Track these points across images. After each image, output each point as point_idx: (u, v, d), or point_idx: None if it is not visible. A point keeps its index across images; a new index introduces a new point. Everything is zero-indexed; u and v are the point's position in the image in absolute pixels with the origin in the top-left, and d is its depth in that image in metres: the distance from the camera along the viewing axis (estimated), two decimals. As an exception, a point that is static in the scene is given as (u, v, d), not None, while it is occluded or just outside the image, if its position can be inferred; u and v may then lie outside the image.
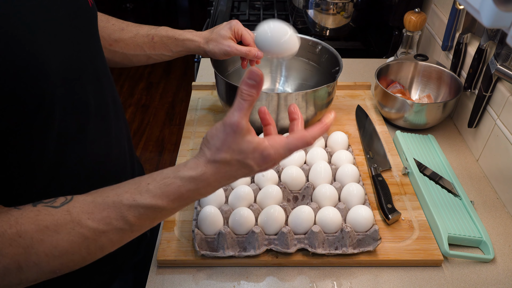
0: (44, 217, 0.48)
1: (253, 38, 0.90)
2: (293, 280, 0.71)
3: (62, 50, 0.54)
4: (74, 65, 0.57)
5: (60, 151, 0.58)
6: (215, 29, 0.89)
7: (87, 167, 0.63)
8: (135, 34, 0.87)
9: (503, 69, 0.83)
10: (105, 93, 0.67)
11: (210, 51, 0.88)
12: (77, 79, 0.58)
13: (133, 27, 0.88)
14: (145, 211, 0.51)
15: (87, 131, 0.62)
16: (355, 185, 0.79)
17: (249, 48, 0.87)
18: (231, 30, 0.88)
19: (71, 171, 0.61)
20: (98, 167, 0.66)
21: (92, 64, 0.63)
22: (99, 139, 0.65)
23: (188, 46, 0.89)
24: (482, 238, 0.75)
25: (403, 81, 1.11)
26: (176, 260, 0.72)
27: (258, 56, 0.88)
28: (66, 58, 0.55)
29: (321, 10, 1.37)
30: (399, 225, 0.78)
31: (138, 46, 0.87)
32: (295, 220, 0.72)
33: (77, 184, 0.62)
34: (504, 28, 0.38)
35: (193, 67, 1.52)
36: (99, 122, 0.64)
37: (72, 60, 0.57)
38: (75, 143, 0.60)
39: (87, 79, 0.61)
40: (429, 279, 0.71)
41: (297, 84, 1.12)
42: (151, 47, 0.88)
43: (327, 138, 0.93)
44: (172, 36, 0.88)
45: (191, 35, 0.89)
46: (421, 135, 0.98)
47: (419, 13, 1.12)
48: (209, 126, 1.02)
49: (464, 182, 0.90)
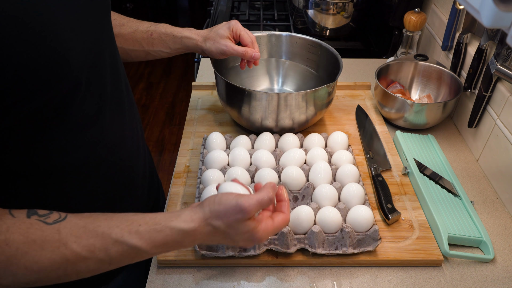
0: (34, 231, 0.50)
1: (252, 38, 0.90)
2: (293, 280, 0.71)
3: (83, 38, 0.56)
4: (93, 52, 0.60)
5: (79, 133, 0.60)
6: (214, 28, 0.89)
7: (104, 149, 0.66)
8: (135, 30, 0.87)
9: (503, 69, 0.83)
10: (120, 79, 0.70)
11: (207, 49, 0.88)
12: (95, 65, 0.61)
13: (133, 23, 0.88)
14: (128, 249, 0.53)
15: (104, 115, 0.64)
16: (355, 185, 0.79)
17: (245, 49, 0.88)
18: (229, 30, 0.88)
19: (89, 153, 0.63)
20: (113, 150, 0.68)
21: (108, 51, 0.66)
22: (115, 123, 0.68)
23: (186, 44, 0.89)
24: (482, 238, 0.75)
25: (403, 81, 1.11)
26: (176, 260, 0.72)
27: (255, 57, 0.88)
28: (86, 45, 0.57)
29: (321, 10, 1.37)
30: (399, 225, 0.78)
31: (137, 42, 0.87)
32: (295, 220, 0.72)
33: (94, 168, 0.65)
34: (504, 28, 0.38)
35: (193, 67, 1.52)
36: (114, 107, 0.67)
37: (92, 47, 0.59)
38: (93, 125, 0.62)
39: (104, 65, 0.64)
40: (429, 279, 0.71)
41: (297, 84, 1.12)
42: (150, 44, 0.88)
43: (327, 138, 0.93)
44: (170, 33, 0.88)
45: (189, 33, 0.89)
46: (421, 135, 0.98)
47: (419, 13, 1.12)
48: (209, 126, 1.02)
49: (464, 182, 0.90)
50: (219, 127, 1.02)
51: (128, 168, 0.73)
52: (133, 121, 0.75)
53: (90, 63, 0.60)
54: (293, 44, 1.08)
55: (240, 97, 0.90)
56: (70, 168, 0.62)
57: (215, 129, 1.01)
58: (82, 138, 0.61)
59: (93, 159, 0.65)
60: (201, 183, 0.81)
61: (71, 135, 0.60)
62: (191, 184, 0.86)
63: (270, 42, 1.08)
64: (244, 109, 0.91)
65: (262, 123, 0.92)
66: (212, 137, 0.90)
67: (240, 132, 0.98)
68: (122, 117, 0.70)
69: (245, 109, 0.91)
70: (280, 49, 1.10)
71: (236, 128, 1.01)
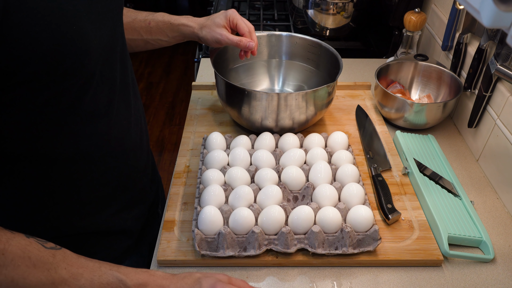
0: (32, 249, 0.52)
1: (249, 28, 0.89)
2: (293, 280, 0.71)
3: (100, 30, 0.58)
4: (108, 45, 0.62)
5: (89, 123, 0.62)
6: (211, 17, 0.90)
7: (110, 140, 0.67)
8: (133, 19, 0.88)
9: (503, 69, 0.83)
10: (127, 73, 0.71)
11: (203, 37, 0.88)
12: (109, 57, 0.63)
13: (132, 13, 0.90)
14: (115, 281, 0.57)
15: (113, 107, 0.66)
16: (355, 185, 0.79)
17: (240, 38, 0.87)
18: (226, 19, 0.88)
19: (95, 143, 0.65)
20: (119, 141, 0.70)
21: (119, 44, 0.67)
22: (122, 115, 0.69)
23: (183, 31, 0.89)
24: (482, 238, 0.75)
25: (403, 81, 1.11)
26: (176, 260, 0.72)
27: (249, 47, 0.87)
28: (103, 38, 0.60)
29: (321, 10, 1.37)
30: (399, 225, 0.78)
31: (135, 30, 0.88)
32: (295, 220, 0.72)
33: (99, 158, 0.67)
34: (504, 28, 0.38)
35: (193, 67, 1.52)
36: (122, 99, 0.69)
37: (107, 40, 0.61)
38: (102, 117, 0.64)
39: (115, 58, 0.66)
40: (429, 279, 0.71)
41: (297, 84, 1.12)
42: (148, 32, 0.89)
43: (327, 138, 0.93)
44: (167, 21, 0.89)
45: (186, 20, 0.89)
46: (421, 135, 0.98)
47: (419, 13, 1.12)
48: (209, 126, 1.02)
49: (464, 182, 0.90)
50: (219, 127, 1.02)
51: (132, 159, 0.75)
52: (138, 114, 0.77)
53: (105, 55, 0.61)
54: (293, 44, 1.08)
55: (240, 97, 0.90)
56: (76, 156, 0.63)
57: (215, 129, 1.01)
58: (90, 128, 0.63)
59: (99, 149, 0.66)
60: (201, 183, 0.81)
61: (80, 125, 0.61)
62: (191, 184, 0.86)
63: (270, 42, 1.08)
64: (244, 109, 0.91)
65: (262, 123, 0.92)
66: (212, 137, 0.90)
67: (240, 132, 0.98)
68: (128, 109, 0.72)
69: (245, 109, 0.91)
70: (280, 49, 1.10)
71: (236, 128, 1.01)
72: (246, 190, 0.77)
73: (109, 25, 0.62)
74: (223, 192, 0.78)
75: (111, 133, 0.67)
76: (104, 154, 0.67)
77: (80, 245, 0.68)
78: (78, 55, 0.55)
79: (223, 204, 0.76)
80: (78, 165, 0.64)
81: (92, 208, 0.71)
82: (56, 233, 0.68)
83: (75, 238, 0.71)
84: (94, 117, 0.63)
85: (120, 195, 0.74)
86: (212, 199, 0.76)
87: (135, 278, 0.58)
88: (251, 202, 0.77)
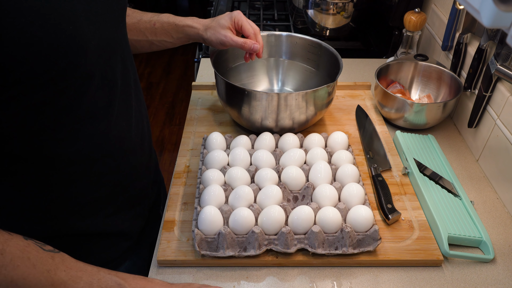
0: (31, 250, 0.52)
1: (254, 29, 0.88)
2: (293, 280, 0.71)
3: (99, 31, 0.58)
4: (108, 46, 0.62)
5: (88, 124, 0.62)
6: (216, 18, 0.89)
7: (109, 141, 0.67)
8: (138, 20, 0.88)
9: (503, 69, 0.83)
10: (129, 75, 0.71)
11: (207, 39, 0.88)
12: (109, 59, 0.63)
13: (137, 14, 0.89)
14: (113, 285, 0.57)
15: (113, 108, 0.66)
16: (355, 185, 0.79)
17: (244, 40, 0.86)
18: (230, 20, 0.87)
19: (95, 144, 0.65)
20: (118, 143, 0.70)
21: (120, 46, 0.67)
22: (121, 117, 0.69)
23: (188, 33, 0.89)
24: (482, 238, 0.75)
25: (403, 81, 1.11)
26: (176, 260, 0.72)
27: (254, 49, 0.86)
28: (102, 39, 0.59)
29: (321, 10, 1.37)
30: (399, 225, 0.78)
31: (140, 32, 0.88)
32: (295, 220, 0.72)
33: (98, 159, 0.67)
34: (504, 28, 0.38)
35: (193, 67, 1.52)
36: (122, 101, 0.69)
37: (106, 41, 0.61)
38: (101, 118, 0.64)
39: (116, 59, 0.65)
40: (429, 279, 0.71)
41: (297, 84, 1.12)
42: (153, 33, 0.88)
43: (327, 138, 0.93)
44: (172, 22, 0.89)
45: (191, 21, 0.89)
46: (421, 135, 0.98)
47: (419, 13, 1.12)
48: (209, 126, 1.02)
49: (464, 182, 0.90)
50: (219, 127, 1.02)
51: (132, 160, 0.75)
52: (139, 115, 0.77)
53: (105, 57, 0.61)
54: (293, 44, 1.08)
55: (240, 97, 0.90)
56: (75, 157, 0.63)
57: (215, 129, 1.01)
58: (90, 129, 0.63)
59: (99, 150, 0.66)
60: (201, 183, 0.81)
61: (79, 126, 0.61)
62: (191, 184, 0.86)
63: (270, 42, 1.08)
64: (244, 109, 0.91)
65: (262, 123, 0.92)
66: (212, 137, 0.90)
67: (240, 132, 0.98)
68: (129, 111, 0.72)
69: (245, 109, 0.91)
70: (280, 49, 1.10)
71: (236, 128, 1.01)
72: (246, 190, 0.77)
73: (109, 26, 0.62)
74: (223, 192, 0.78)
75: (111, 134, 0.67)
76: (103, 155, 0.67)
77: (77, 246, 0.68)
78: (75, 55, 0.54)
79: (223, 204, 0.76)
80: (76, 165, 0.64)
81: (90, 208, 0.70)
82: (53, 233, 0.68)
83: (71, 239, 0.71)
84: (94, 118, 0.63)
85: (119, 196, 0.74)
86: (212, 199, 0.76)
87: (134, 283, 0.58)
88: (251, 202, 0.77)
